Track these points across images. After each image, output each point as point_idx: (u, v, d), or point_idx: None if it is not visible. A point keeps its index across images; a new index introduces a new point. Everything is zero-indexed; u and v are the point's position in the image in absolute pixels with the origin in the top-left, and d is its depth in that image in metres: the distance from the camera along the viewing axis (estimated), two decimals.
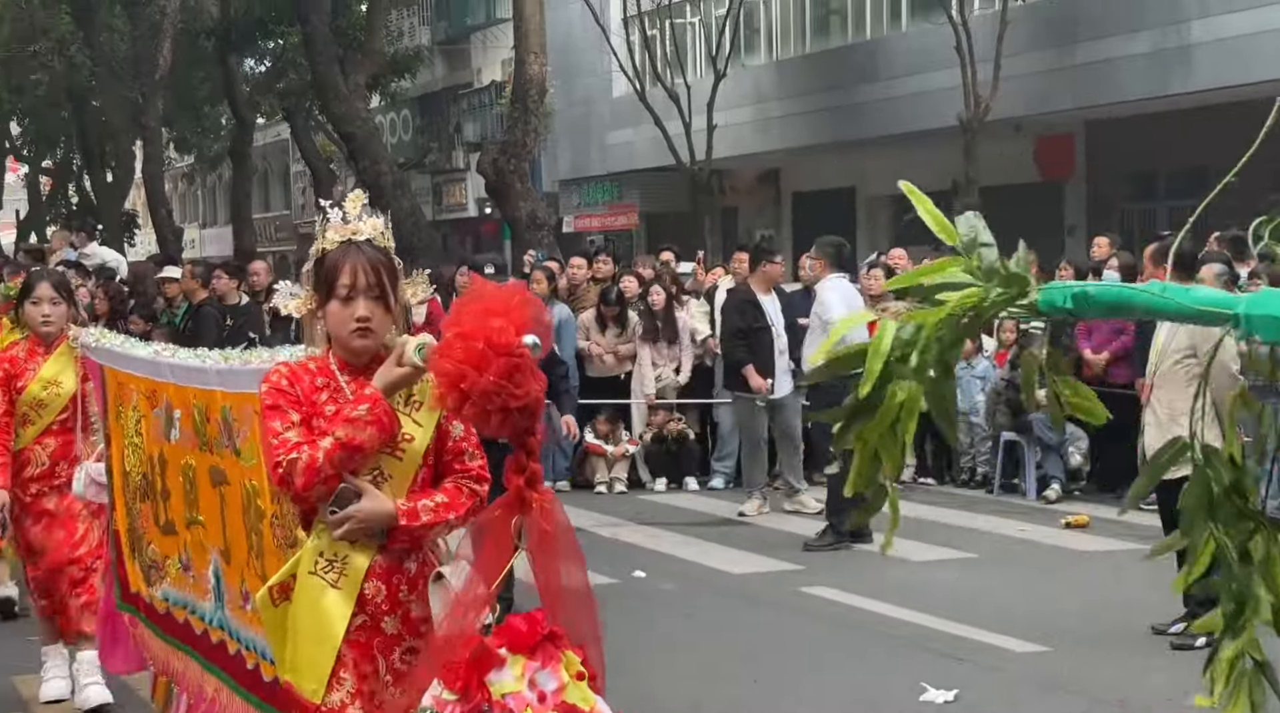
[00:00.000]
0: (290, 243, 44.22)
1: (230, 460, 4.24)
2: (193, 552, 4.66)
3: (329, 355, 3.49)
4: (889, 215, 27.07)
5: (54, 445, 6.13)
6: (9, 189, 43.84)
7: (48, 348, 6.10)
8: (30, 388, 6.06)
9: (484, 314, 3.03)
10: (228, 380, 4.20)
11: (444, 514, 3.42)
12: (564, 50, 27.18)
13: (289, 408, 3.37)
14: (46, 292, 6.07)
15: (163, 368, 4.74)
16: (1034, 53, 20.36)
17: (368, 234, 3.44)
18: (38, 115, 33.44)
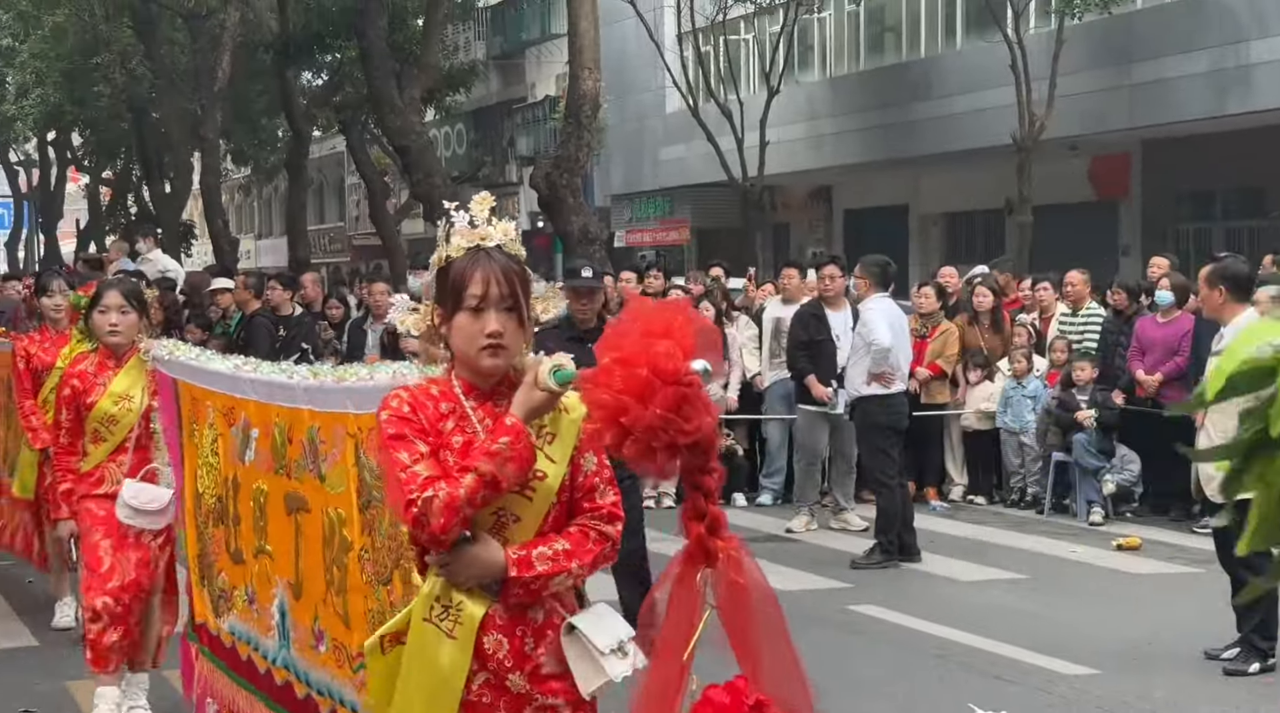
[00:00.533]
0: (344, 255, 44.56)
1: (313, 486, 3.94)
2: (258, 584, 4.39)
3: (451, 377, 3.10)
4: (941, 232, 27.00)
5: (130, 463, 5.80)
6: (69, 199, 44.42)
7: (118, 361, 5.82)
8: (101, 404, 5.78)
9: (646, 336, 2.69)
10: (317, 399, 3.90)
11: (565, 563, 3.00)
12: (618, 66, 27.27)
13: (416, 438, 2.97)
14: (115, 300, 5.80)
15: (243, 384, 4.44)
16: (1090, 72, 20.26)
17: (497, 240, 3.09)
18: (99, 126, 33.89)
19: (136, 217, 35.10)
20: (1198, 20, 19.58)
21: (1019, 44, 19.65)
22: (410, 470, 2.92)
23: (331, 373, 3.86)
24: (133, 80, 28.89)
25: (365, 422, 3.59)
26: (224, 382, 4.63)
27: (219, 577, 4.76)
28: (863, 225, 28.08)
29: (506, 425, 2.93)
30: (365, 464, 3.68)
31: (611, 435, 2.69)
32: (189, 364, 5.04)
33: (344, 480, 3.74)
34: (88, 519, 5.81)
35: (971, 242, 26.11)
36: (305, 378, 3.99)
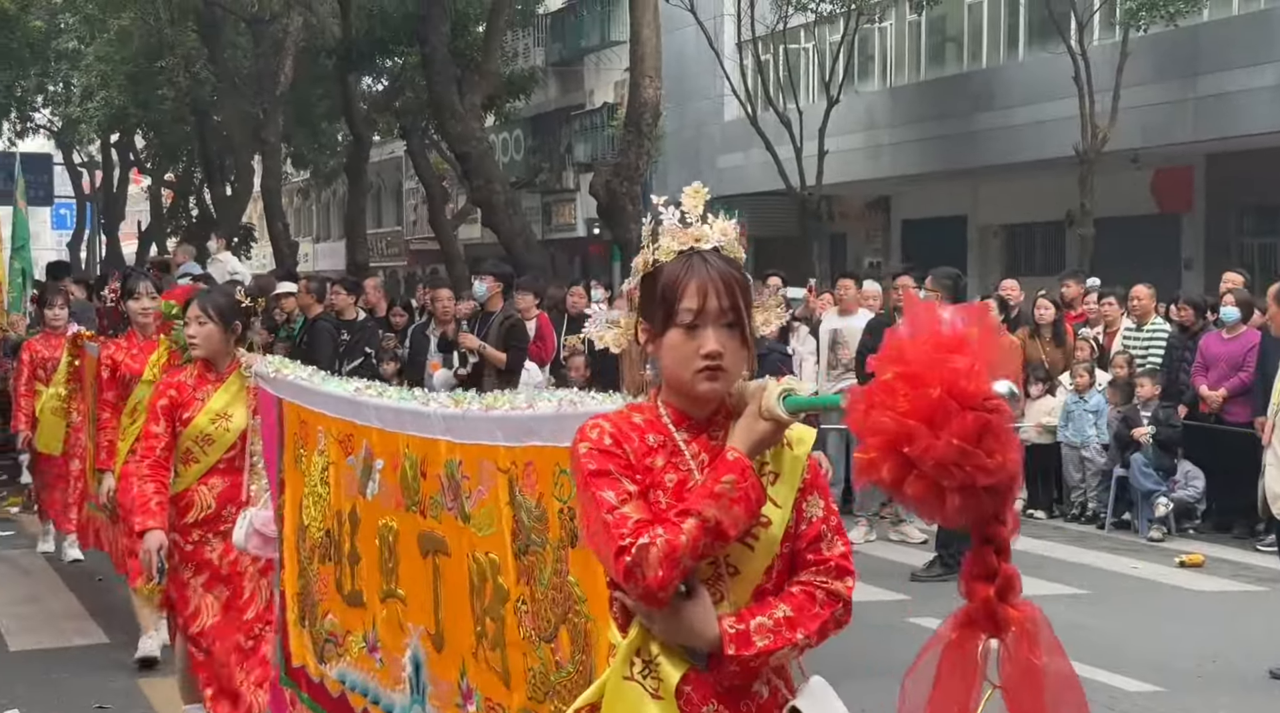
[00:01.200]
0: (401, 259, 44.84)
1: (453, 527, 3.52)
2: (383, 630, 3.96)
3: (658, 404, 2.65)
4: (1000, 244, 26.86)
5: (221, 486, 5.39)
6: (131, 200, 44.96)
7: (218, 376, 5.43)
8: (197, 420, 5.38)
9: (938, 349, 2.27)
10: (458, 429, 3.46)
11: (789, 635, 2.57)
12: (677, 73, 27.31)
13: (621, 475, 2.54)
14: (192, 311, 5.47)
15: (365, 409, 3.99)
16: (1154, 84, 20.11)
17: (715, 241, 2.64)
18: (162, 129, 34.27)
19: (197, 219, 35.50)
20: (1263, 33, 19.40)
21: (1082, 55, 19.54)
22: (619, 513, 2.49)
23: (478, 400, 3.39)
24: (196, 84, 29.23)
25: (520, 456, 3.23)
26: (341, 406, 4.19)
27: (325, 618, 4.33)
28: (921, 236, 27.99)
29: (729, 461, 2.50)
30: (521, 504, 3.24)
31: (890, 469, 2.27)
32: (298, 384, 4.59)
33: (494, 522, 3.31)
34: (175, 554, 5.39)
35: (1031, 254, 25.97)
36: (444, 406, 3.55)
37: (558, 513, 3.11)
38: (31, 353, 10.00)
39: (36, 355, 9.94)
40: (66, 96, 34.99)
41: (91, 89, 32.04)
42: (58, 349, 9.57)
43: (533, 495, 3.20)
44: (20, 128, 38.18)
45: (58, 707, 6.50)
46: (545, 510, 3.16)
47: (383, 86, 31.03)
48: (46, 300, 10.44)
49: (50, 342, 9.94)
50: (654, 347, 2.63)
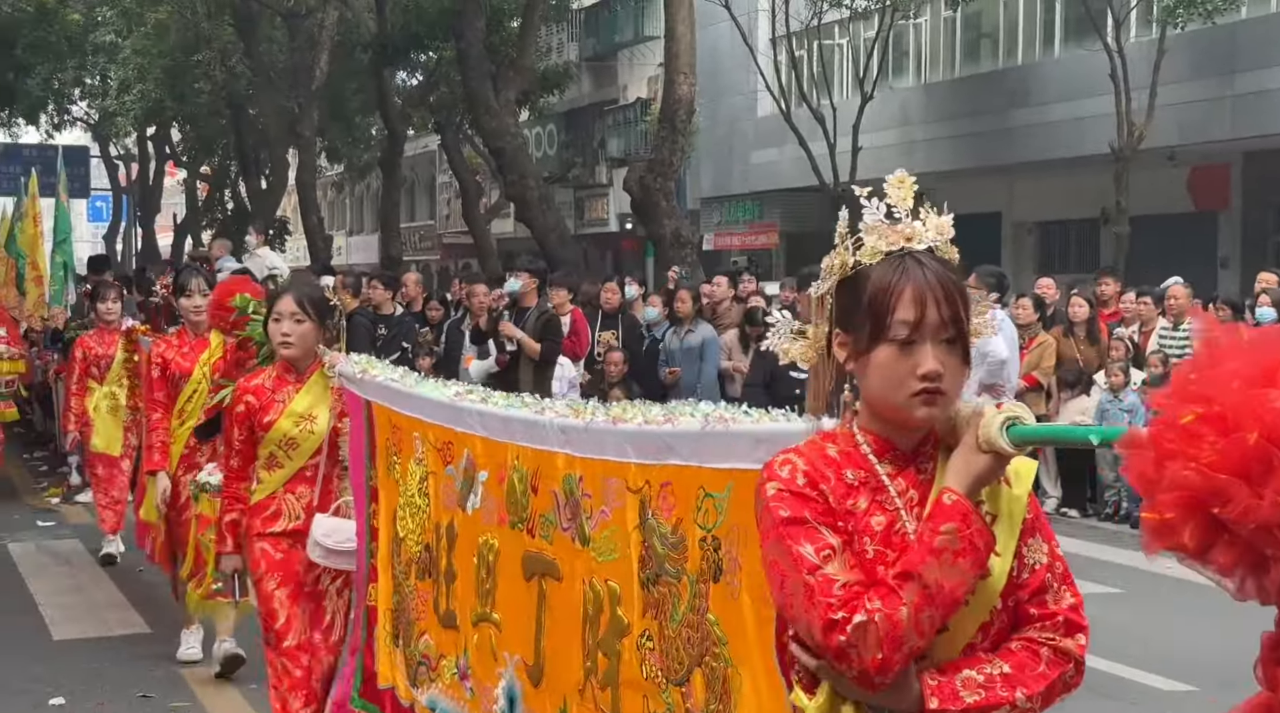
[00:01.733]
0: (434, 252, 45.01)
1: (568, 549, 3.19)
2: (475, 657, 3.69)
3: (854, 431, 2.28)
4: (1034, 241, 26.78)
5: (309, 496, 5.03)
6: (167, 193, 45.25)
7: (299, 376, 5.04)
8: (279, 424, 5.00)
9: (1251, 383, 1.84)
10: (579, 441, 3.14)
11: (1005, 694, 2.20)
12: (711, 69, 27.33)
13: (821, 524, 2.17)
14: (288, 306, 5.02)
15: (468, 415, 3.70)
16: (1191, 81, 20.02)
17: (930, 240, 2.28)
18: (198, 122, 34.49)
19: (233, 212, 35.71)
20: None
21: (1119, 52, 19.47)
22: (822, 575, 2.12)
23: (603, 411, 3.05)
24: (232, 77, 29.39)
25: (655, 475, 2.87)
26: (439, 411, 3.89)
27: (420, 639, 4.04)
28: (954, 233, 27.89)
29: (946, 507, 2.14)
30: (654, 529, 2.87)
31: (1193, 533, 1.86)
32: (389, 386, 4.28)
33: (619, 546, 2.97)
34: (262, 562, 5.03)
35: (1065, 251, 25.89)
36: (563, 416, 3.20)
37: (699, 541, 2.72)
38: (84, 350, 9.70)
39: (89, 352, 9.66)
40: (103, 89, 35.23)
41: (128, 82, 32.25)
42: (111, 346, 9.29)
43: (668, 520, 2.83)
44: (57, 121, 38.47)
45: (102, 696, 6.60)
46: (684, 538, 2.77)
47: (417, 81, 31.14)
48: (100, 294, 10.03)
49: (103, 338, 9.64)
50: (856, 364, 2.26)
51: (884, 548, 2.18)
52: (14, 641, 7.56)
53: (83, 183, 34.88)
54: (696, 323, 12.17)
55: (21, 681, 6.82)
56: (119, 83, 33.08)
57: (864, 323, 2.23)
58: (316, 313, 5.04)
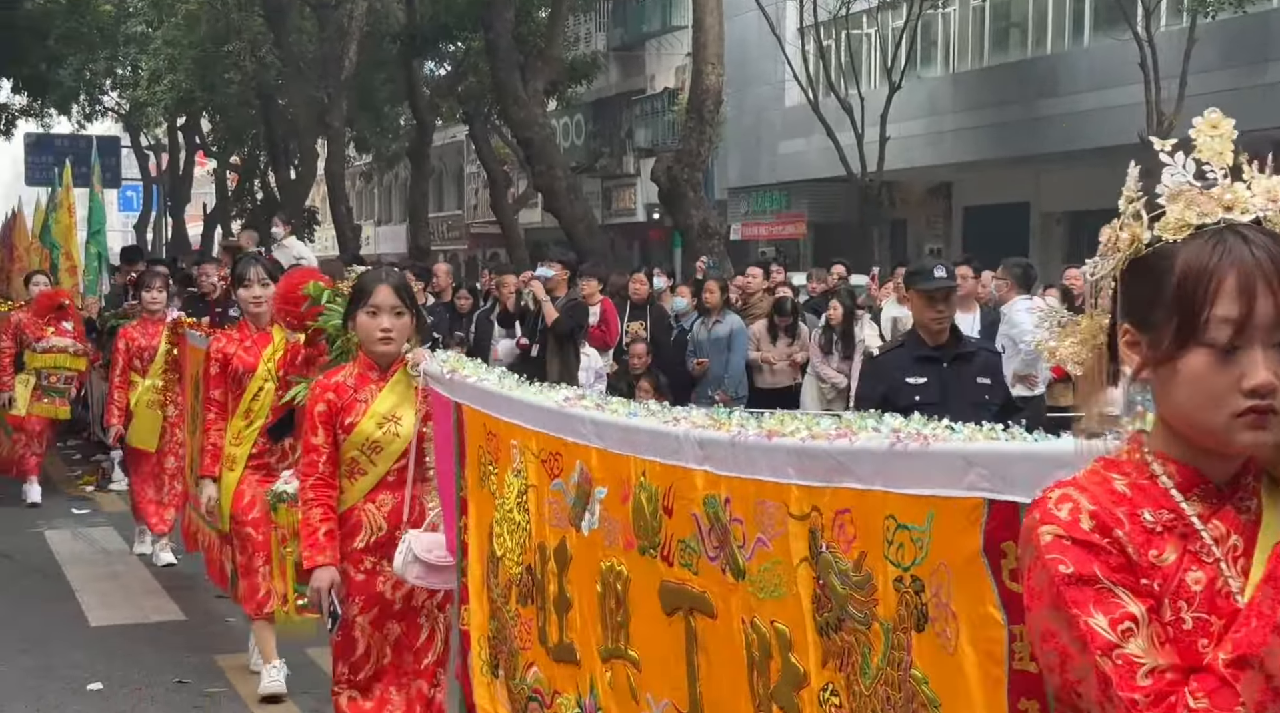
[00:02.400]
0: (462, 242, 45.14)
1: (719, 582, 2.73)
2: (608, 697, 3.23)
3: (1147, 460, 1.78)
4: (1063, 231, 26.71)
5: (391, 504, 4.52)
6: (197, 183, 45.49)
7: (382, 374, 4.54)
8: (362, 425, 4.49)
9: None
10: (724, 457, 2.67)
11: None
12: (738, 59, 27.34)
13: (1117, 584, 1.68)
14: (388, 298, 4.48)
15: (580, 424, 3.26)
16: (1222, 70, 19.92)
17: (1258, 209, 1.74)
18: (228, 112, 34.67)
19: (262, 202, 35.91)
20: None
21: (1149, 42, 19.40)
22: (1122, 657, 1.64)
23: (757, 425, 2.60)
24: (262, 68, 29.54)
25: (828, 502, 2.41)
26: (544, 417, 3.46)
27: (528, 672, 3.66)
28: (982, 223, 27.87)
29: None
30: (831, 565, 2.41)
31: None
32: (483, 388, 3.85)
33: (785, 583, 2.53)
34: (341, 585, 4.51)
35: (1094, 241, 25.66)
36: (700, 427, 2.74)
37: (893, 582, 2.25)
38: (127, 341, 9.19)
39: (133, 344, 9.16)
40: (134, 80, 35.46)
41: (159, 73, 32.45)
42: (155, 337, 8.90)
43: (849, 555, 2.37)
44: (89, 111, 38.74)
45: (139, 682, 6.68)
46: (871, 577, 2.31)
47: (446, 71, 31.25)
48: (145, 283, 9.53)
49: (148, 329, 9.17)
50: (1155, 372, 1.76)
51: (1206, 615, 1.66)
52: (52, 627, 7.66)
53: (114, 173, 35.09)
54: (724, 314, 12.21)
55: (60, 666, 6.92)
56: (150, 73, 33.29)
57: (1167, 320, 1.72)
58: (413, 306, 4.59)
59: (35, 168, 34.99)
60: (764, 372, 12.44)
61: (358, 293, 4.54)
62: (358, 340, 4.63)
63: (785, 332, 12.47)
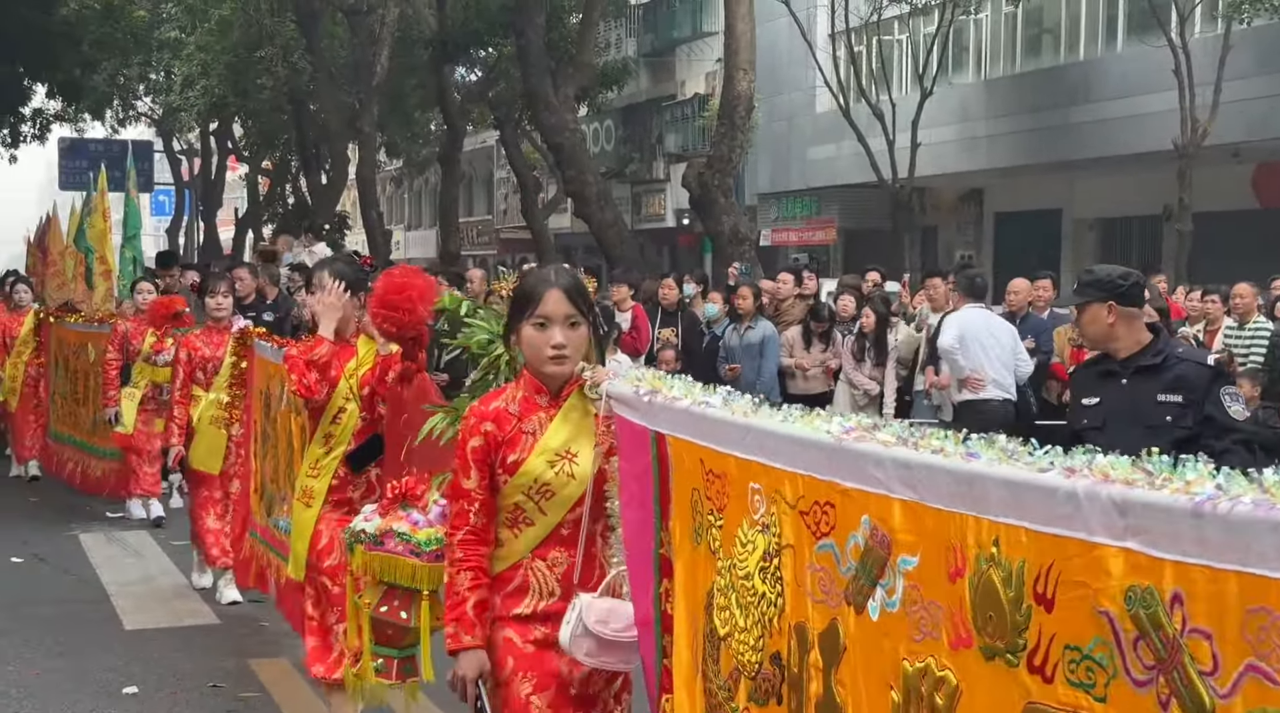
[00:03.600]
0: (491, 247, 45.24)
1: (1130, 702, 1.87)
2: None
3: None
4: (1095, 238, 26.59)
5: (565, 563, 3.59)
6: (229, 187, 45.75)
7: (553, 399, 3.62)
8: (529, 464, 3.56)
9: None
10: (1162, 531, 1.80)
11: None
12: (769, 64, 27.32)
13: None
14: (560, 306, 3.56)
15: (873, 464, 2.38)
16: (1257, 77, 19.80)
17: None
18: (260, 117, 34.85)
19: (293, 206, 36.07)
20: None
21: (1183, 48, 19.29)
22: None
23: (1244, 483, 1.73)
24: (294, 73, 29.69)
25: None
26: (807, 454, 2.59)
27: None
28: (1014, 229, 27.77)
29: None
30: None
31: None
32: (701, 414, 2.97)
33: None
34: (508, 658, 3.60)
35: (1127, 248, 25.68)
36: (1118, 481, 1.88)
37: None
38: (189, 351, 8.36)
39: (195, 354, 8.32)
40: (167, 85, 35.68)
41: (192, 78, 32.64)
42: (220, 347, 8.06)
43: None
44: (122, 116, 39.00)
45: (173, 686, 6.71)
46: None
47: (477, 77, 31.32)
48: (209, 288, 8.58)
49: (211, 338, 8.30)
50: None
51: None
52: (87, 630, 7.70)
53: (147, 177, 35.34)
54: (756, 320, 12.18)
55: (95, 670, 6.95)
56: (183, 78, 33.49)
57: None
58: (589, 310, 3.65)
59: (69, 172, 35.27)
60: (796, 378, 12.41)
61: (522, 300, 3.64)
62: (517, 359, 3.81)
63: (820, 338, 12.43)
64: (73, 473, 12.05)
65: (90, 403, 11.65)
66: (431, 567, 4.31)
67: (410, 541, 4.39)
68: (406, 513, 4.47)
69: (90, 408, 11.66)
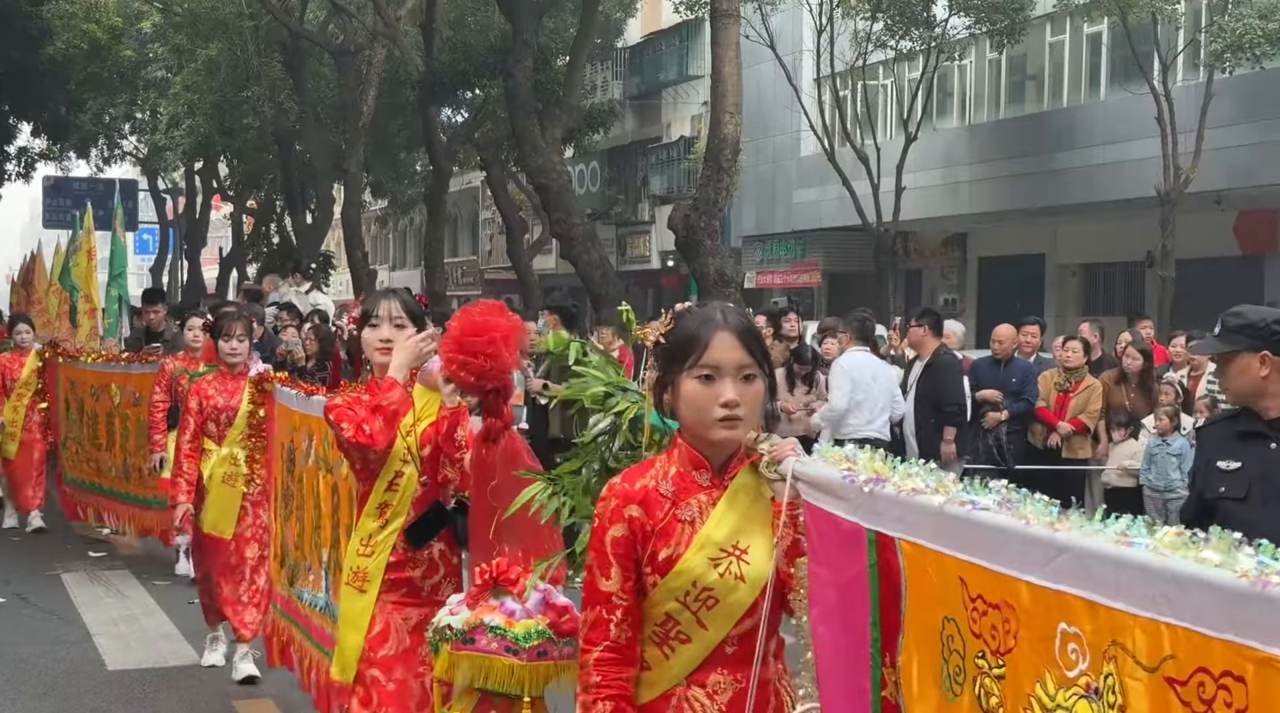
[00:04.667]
0: (476, 288, 45.26)
1: None
2: None
3: None
4: (1078, 283, 26.73)
5: (733, 689, 2.79)
6: (213, 227, 45.73)
7: (717, 476, 2.83)
8: (687, 562, 2.75)
9: None
10: None
11: None
12: (755, 108, 27.46)
13: None
14: (733, 354, 2.76)
15: None
16: (1239, 125, 20.00)
17: None
18: (245, 157, 34.89)
19: (278, 246, 36.05)
20: None
21: (1165, 96, 19.47)
22: None
23: None
24: (280, 113, 29.74)
25: None
26: (1166, 591, 1.74)
27: None
28: (997, 274, 27.91)
29: None
30: None
31: None
32: (956, 515, 2.14)
33: None
34: None
35: (1110, 294, 25.83)
36: None
37: None
38: (200, 399, 7.32)
39: (207, 403, 7.29)
40: (153, 124, 35.71)
41: (178, 117, 32.68)
42: (235, 395, 7.18)
43: None
44: (107, 155, 39.01)
45: None
46: None
47: (463, 118, 31.41)
48: (222, 330, 7.37)
49: (226, 385, 7.30)
50: None
51: None
52: (70, 670, 7.63)
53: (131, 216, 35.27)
54: None
55: (77, 710, 6.89)
56: (169, 118, 33.53)
57: None
58: (764, 359, 2.83)
59: (53, 211, 35.21)
60: (781, 420, 12.40)
61: (680, 347, 2.79)
62: (653, 423, 3.02)
63: (803, 380, 12.44)
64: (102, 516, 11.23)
65: (118, 449, 10.72)
66: (533, 666, 3.62)
67: (506, 635, 3.65)
68: (500, 602, 3.74)
69: (118, 454, 10.73)
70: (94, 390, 11.11)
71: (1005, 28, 23.22)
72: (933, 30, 23.88)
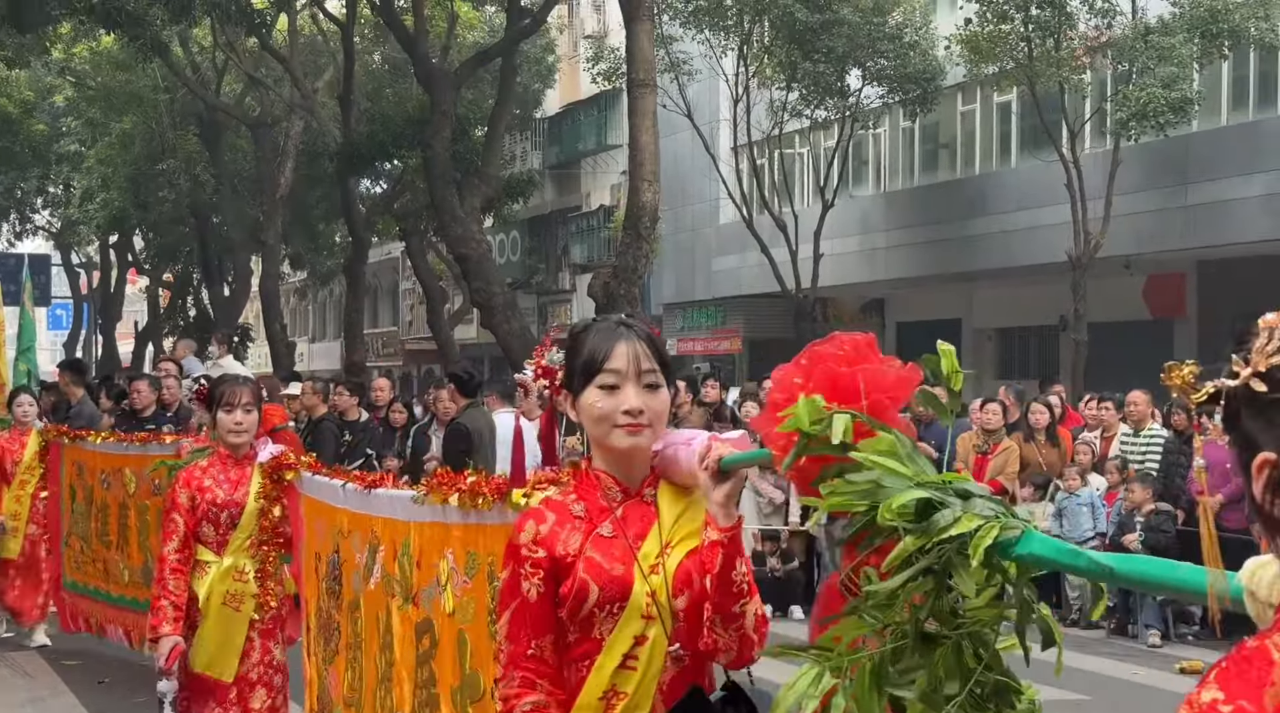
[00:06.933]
0: (397, 359, 45.01)
1: None
2: None
3: None
4: (994, 348, 27.06)
5: None
6: (128, 300, 45.19)
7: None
8: None
9: None
10: None
11: None
12: (673, 176, 27.71)
13: None
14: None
15: None
16: (1146, 192, 20.44)
17: None
18: (161, 230, 34.60)
19: (195, 318, 35.71)
20: (1252, 144, 19.76)
21: (1074, 163, 19.86)
22: None
23: None
24: (196, 186, 29.60)
25: None
26: None
27: None
28: (915, 339, 28.14)
29: None
30: None
31: None
32: None
33: None
34: None
35: (1025, 357, 26.16)
36: None
37: None
38: (192, 493, 5.49)
39: (201, 497, 5.49)
40: (66, 198, 35.38)
41: (92, 191, 32.42)
42: (240, 486, 5.47)
43: None
44: (19, 229, 38.53)
45: None
46: None
47: (382, 189, 31.39)
48: (222, 398, 5.42)
49: (228, 474, 5.51)
50: None
51: None
52: None
53: (44, 291, 34.82)
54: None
55: None
56: (82, 191, 33.24)
57: None
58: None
59: None
60: None
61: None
62: None
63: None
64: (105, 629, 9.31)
65: (134, 546, 8.78)
66: None
67: None
68: None
69: (135, 553, 8.79)
70: (104, 476, 9.15)
71: (917, 97, 23.62)
72: (847, 100, 24.23)
